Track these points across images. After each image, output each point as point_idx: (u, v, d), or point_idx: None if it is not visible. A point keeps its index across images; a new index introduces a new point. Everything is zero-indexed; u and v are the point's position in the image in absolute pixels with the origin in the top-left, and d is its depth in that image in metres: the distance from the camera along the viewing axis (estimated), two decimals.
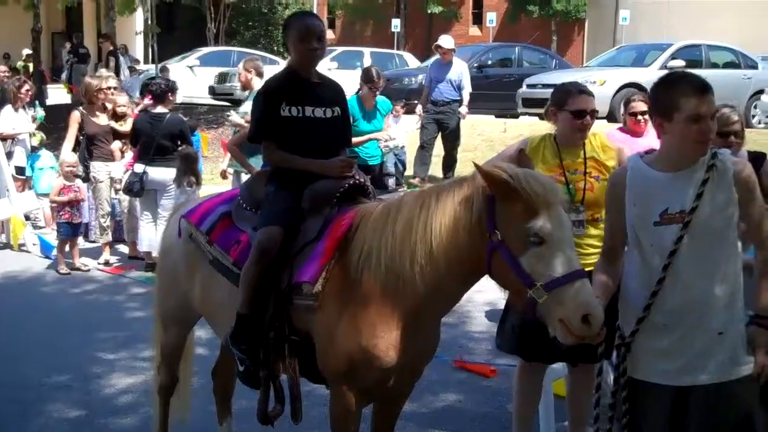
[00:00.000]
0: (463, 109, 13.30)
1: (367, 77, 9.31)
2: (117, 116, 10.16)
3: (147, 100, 10.02)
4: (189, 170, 9.33)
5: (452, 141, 13.35)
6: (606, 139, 4.77)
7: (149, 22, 30.22)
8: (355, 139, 8.39)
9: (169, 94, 9.66)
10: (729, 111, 5.32)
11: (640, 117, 6.69)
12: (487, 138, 16.32)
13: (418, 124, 13.48)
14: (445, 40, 13.20)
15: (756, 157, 5.32)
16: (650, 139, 6.63)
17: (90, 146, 9.99)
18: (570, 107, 4.54)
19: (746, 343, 3.37)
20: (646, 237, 3.38)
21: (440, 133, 13.29)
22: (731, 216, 3.33)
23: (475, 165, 3.36)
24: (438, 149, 13.69)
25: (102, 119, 10.10)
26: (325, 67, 21.69)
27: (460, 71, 13.16)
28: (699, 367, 3.32)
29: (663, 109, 3.33)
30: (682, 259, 3.30)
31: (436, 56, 14.01)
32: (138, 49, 34.32)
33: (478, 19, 43.63)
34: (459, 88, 13.11)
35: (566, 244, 3.24)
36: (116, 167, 9.89)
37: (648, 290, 3.34)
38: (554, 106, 4.63)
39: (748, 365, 3.35)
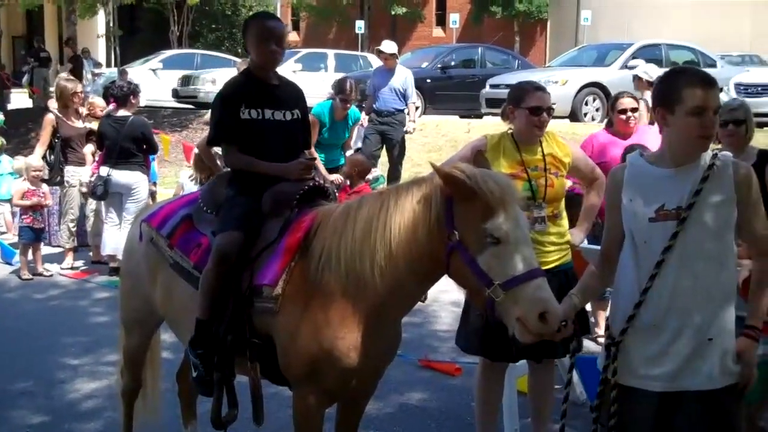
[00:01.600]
0: (410, 125, 12.36)
1: (339, 89, 9.17)
2: (96, 119, 10.12)
3: (111, 105, 9.98)
4: None
5: (397, 153, 12.26)
6: (559, 138, 4.83)
7: (111, 25, 30.02)
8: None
9: (132, 97, 9.63)
10: (731, 101, 5.40)
11: (630, 114, 6.70)
12: (451, 138, 16.38)
13: (359, 139, 11.74)
14: (387, 45, 12.13)
15: (766, 156, 5.43)
16: (637, 138, 6.67)
17: (65, 149, 9.96)
18: (527, 104, 4.59)
19: (735, 352, 3.33)
20: (640, 234, 3.34)
21: (384, 146, 12.15)
22: (729, 217, 3.28)
23: (433, 165, 3.39)
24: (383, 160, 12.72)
25: (77, 123, 10.07)
26: (290, 69, 21.66)
27: (404, 79, 12.08)
28: (688, 374, 3.28)
29: (666, 101, 3.29)
30: (675, 256, 3.25)
31: (380, 63, 12.86)
32: (100, 52, 34.04)
33: (441, 21, 43.84)
34: (404, 97, 12.08)
35: (523, 244, 3.28)
36: (85, 171, 9.87)
37: (639, 288, 3.31)
38: (511, 104, 4.68)
39: (735, 374, 3.32)
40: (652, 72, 9.72)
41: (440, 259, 3.39)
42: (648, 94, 9.47)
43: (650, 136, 6.52)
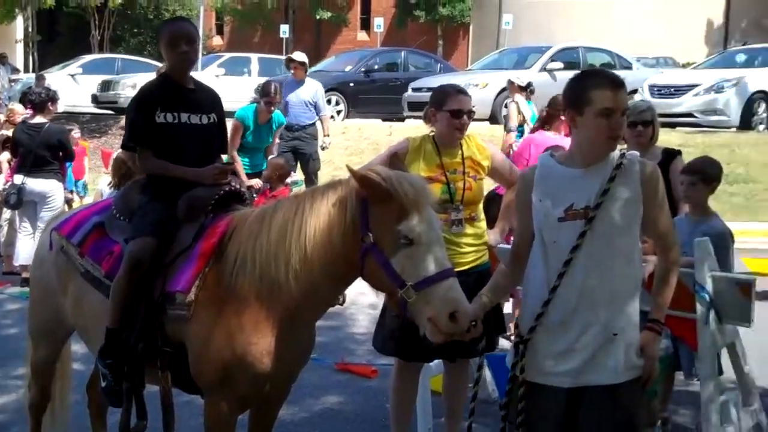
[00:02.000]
0: (326, 140, 12.00)
1: (264, 91, 9.20)
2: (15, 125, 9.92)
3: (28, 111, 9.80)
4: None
5: (312, 168, 11.61)
6: (480, 140, 4.89)
7: (29, 29, 29.43)
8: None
9: (50, 103, 9.45)
10: (640, 102, 5.53)
11: None
12: (373, 141, 16.46)
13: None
14: (298, 54, 11.71)
15: (670, 154, 5.58)
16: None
17: None
18: (448, 107, 4.63)
19: (638, 346, 3.40)
20: (549, 233, 3.39)
21: (298, 161, 11.53)
22: (636, 214, 3.35)
23: (349, 168, 3.41)
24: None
25: None
26: (213, 73, 21.55)
27: (314, 91, 11.60)
28: (594, 369, 3.34)
29: (576, 103, 3.34)
30: (583, 255, 3.31)
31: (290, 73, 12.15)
32: (18, 57, 33.33)
33: (366, 24, 43.96)
34: (316, 109, 11.58)
35: (436, 244, 3.32)
36: (0, 180, 9.68)
37: (548, 287, 3.36)
38: (433, 106, 4.72)
39: (638, 368, 3.39)
40: (523, 77, 10.63)
41: (355, 262, 3.41)
42: (519, 97, 10.37)
43: None
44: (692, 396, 5.33)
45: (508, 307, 6.75)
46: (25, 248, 9.17)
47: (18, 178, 9.12)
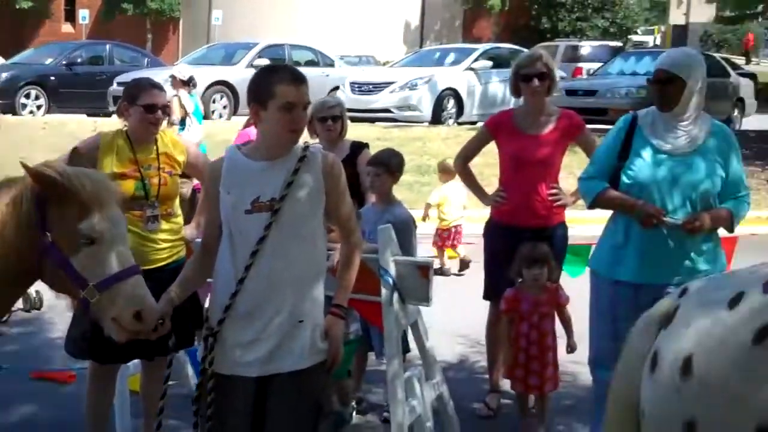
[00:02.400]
0: None
1: None
2: None
3: None
4: None
5: None
6: (174, 135, 4.86)
7: None
8: None
9: None
10: (329, 99, 5.71)
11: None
12: (76, 138, 15.62)
13: None
14: None
15: (358, 147, 5.78)
16: None
17: None
18: (142, 102, 4.52)
19: (323, 330, 3.50)
20: (236, 226, 3.41)
21: None
22: (318, 204, 3.46)
23: (23, 164, 3.25)
24: None
25: None
26: None
27: None
28: (280, 356, 3.40)
29: (260, 97, 3.40)
30: (269, 245, 3.37)
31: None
32: None
33: (71, 17, 42.27)
34: None
35: (119, 242, 3.24)
36: None
37: (236, 278, 3.37)
38: (126, 101, 4.60)
39: (323, 352, 3.49)
40: (186, 72, 11.34)
41: (31, 263, 3.25)
42: (181, 92, 10.80)
43: None
44: (384, 374, 5.59)
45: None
46: None
47: None
